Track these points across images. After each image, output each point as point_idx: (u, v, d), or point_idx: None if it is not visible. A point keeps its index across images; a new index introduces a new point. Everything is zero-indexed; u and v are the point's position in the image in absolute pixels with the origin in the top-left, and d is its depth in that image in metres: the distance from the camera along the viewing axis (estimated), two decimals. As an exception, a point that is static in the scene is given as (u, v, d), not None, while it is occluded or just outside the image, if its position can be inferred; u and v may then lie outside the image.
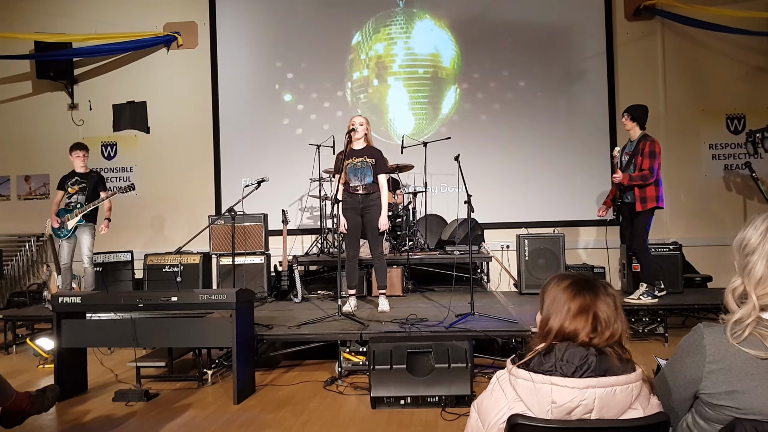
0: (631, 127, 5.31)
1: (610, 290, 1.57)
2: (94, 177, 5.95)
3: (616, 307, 1.54)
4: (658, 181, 5.15)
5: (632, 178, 5.17)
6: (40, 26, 8.03)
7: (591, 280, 1.59)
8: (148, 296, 3.97)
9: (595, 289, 1.55)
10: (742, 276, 1.50)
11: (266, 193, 6.28)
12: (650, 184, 5.12)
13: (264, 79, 8.05)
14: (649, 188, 5.13)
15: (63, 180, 5.95)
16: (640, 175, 5.13)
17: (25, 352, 5.47)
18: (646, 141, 5.16)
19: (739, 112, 7.44)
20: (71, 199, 5.85)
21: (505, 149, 7.67)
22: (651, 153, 5.10)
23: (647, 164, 5.09)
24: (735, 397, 1.42)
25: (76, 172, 5.94)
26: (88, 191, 5.84)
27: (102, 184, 5.98)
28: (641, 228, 5.24)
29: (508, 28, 7.71)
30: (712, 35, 7.28)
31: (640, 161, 5.15)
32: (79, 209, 5.76)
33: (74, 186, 5.87)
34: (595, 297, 1.53)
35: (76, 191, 5.85)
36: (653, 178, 5.10)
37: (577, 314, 1.52)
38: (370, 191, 5.00)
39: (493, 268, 7.13)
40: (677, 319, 5.79)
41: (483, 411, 1.59)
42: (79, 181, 5.89)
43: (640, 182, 5.14)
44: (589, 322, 1.50)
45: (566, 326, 1.52)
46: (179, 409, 3.74)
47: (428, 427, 3.31)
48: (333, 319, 4.67)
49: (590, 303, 1.52)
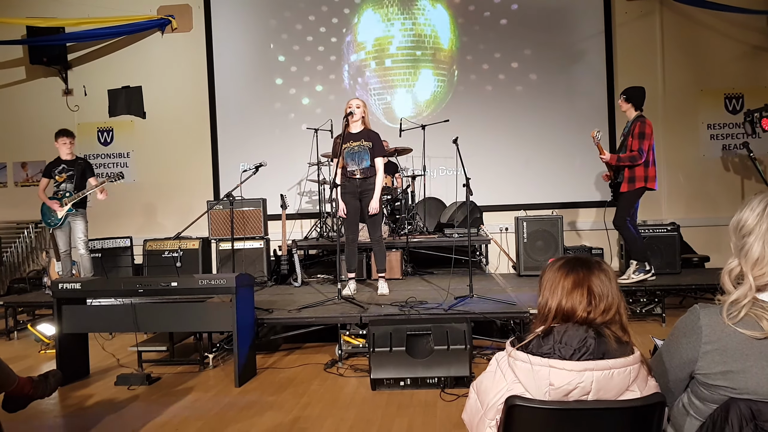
0: (626, 109, 5.29)
1: (604, 266, 1.60)
2: (81, 164, 5.80)
3: (609, 280, 1.57)
4: (648, 162, 5.12)
5: (620, 159, 5.15)
6: (32, 11, 7.94)
7: (584, 258, 1.63)
8: (148, 282, 3.99)
9: (587, 265, 1.59)
10: (739, 257, 1.51)
11: (265, 177, 6.27)
12: (639, 165, 5.10)
13: (260, 63, 7.99)
14: (638, 168, 5.10)
15: (49, 167, 5.80)
16: (628, 156, 5.11)
17: (26, 337, 5.50)
18: (637, 122, 5.14)
19: (737, 91, 7.41)
20: (59, 187, 5.70)
21: (503, 131, 7.65)
22: (641, 134, 5.07)
23: (636, 145, 5.07)
24: (730, 377, 1.43)
25: (62, 160, 5.77)
26: (76, 179, 5.71)
27: (90, 171, 5.84)
28: (624, 205, 5.20)
29: (506, 9, 7.64)
30: (710, 14, 7.22)
31: (630, 142, 5.14)
32: (68, 198, 5.64)
33: (62, 174, 5.71)
34: (589, 272, 1.57)
35: (63, 179, 5.70)
36: (641, 159, 5.06)
37: (572, 290, 1.55)
38: (368, 175, 4.99)
39: (491, 251, 7.15)
40: (674, 300, 5.83)
41: (482, 392, 1.61)
42: (66, 169, 5.73)
43: (628, 163, 5.11)
44: (584, 296, 1.54)
45: (563, 304, 1.55)
46: (181, 392, 3.77)
47: (428, 407, 3.35)
48: (333, 302, 4.69)
49: (583, 278, 1.56)
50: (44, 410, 3.51)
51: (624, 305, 1.57)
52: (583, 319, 1.52)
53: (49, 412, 3.52)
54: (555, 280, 1.60)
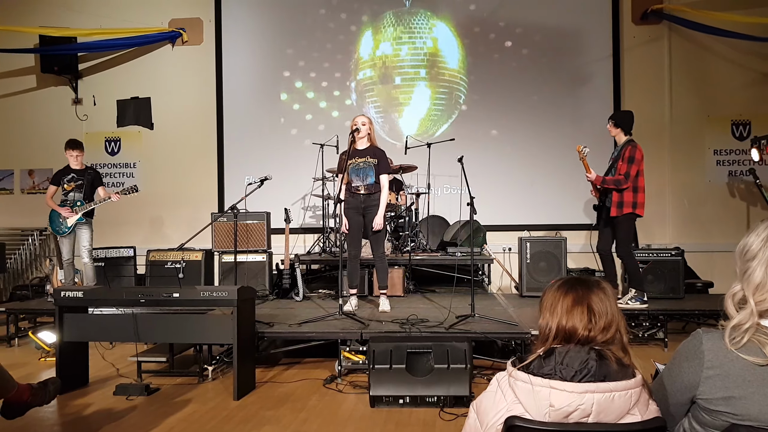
0: (615, 134, 5.27)
1: (603, 284, 1.61)
2: (90, 174, 5.88)
3: (608, 298, 1.57)
4: (638, 188, 5.08)
5: (605, 180, 5.13)
6: (45, 20, 8.05)
7: (582, 278, 1.64)
8: (150, 292, 3.99)
9: (586, 284, 1.60)
10: (742, 281, 1.51)
11: (269, 191, 6.28)
12: (625, 189, 5.06)
13: (267, 77, 8.06)
14: (626, 193, 5.06)
15: (58, 175, 5.86)
16: (613, 179, 5.09)
17: (27, 345, 5.49)
18: (628, 146, 5.11)
19: (744, 118, 7.43)
20: (67, 196, 5.77)
21: (508, 152, 7.68)
22: (630, 158, 5.04)
23: (624, 169, 5.04)
24: (732, 403, 1.42)
25: (72, 169, 5.85)
26: (85, 189, 5.78)
27: (99, 181, 5.92)
28: (623, 234, 5.15)
29: (514, 31, 7.72)
30: (719, 41, 7.27)
31: (619, 165, 5.12)
32: (79, 207, 5.72)
33: (70, 183, 5.78)
34: (588, 290, 1.58)
35: (72, 188, 5.77)
36: (626, 184, 5.02)
37: (572, 308, 1.56)
38: (372, 191, 5.01)
39: (494, 270, 7.13)
40: (677, 325, 5.79)
41: (482, 411, 1.60)
42: (75, 179, 5.80)
43: (612, 186, 5.09)
44: (584, 314, 1.54)
45: (564, 323, 1.55)
46: (179, 404, 3.76)
47: (426, 426, 3.32)
48: (334, 318, 4.68)
49: (583, 296, 1.57)
50: (42, 418, 3.49)
51: (624, 324, 1.57)
52: (585, 337, 1.52)
53: (47, 419, 3.50)
54: (555, 300, 1.60)
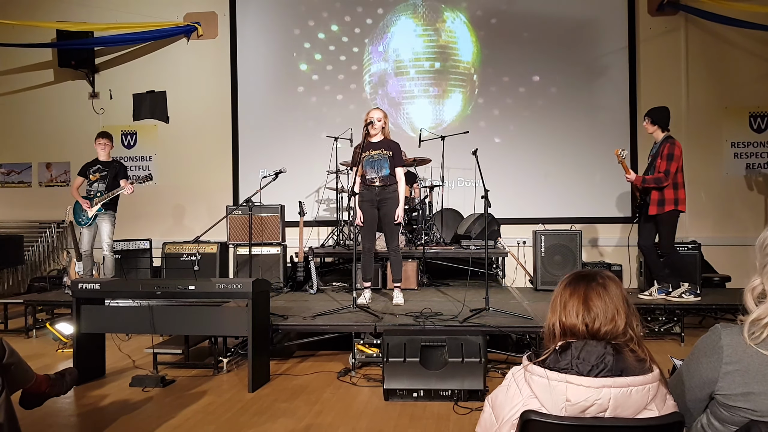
0: (653, 131, 5.22)
1: (607, 279, 1.57)
2: (115, 166, 6.03)
3: (608, 291, 1.54)
4: (677, 184, 5.05)
5: (645, 180, 5.10)
6: (62, 15, 8.11)
7: (588, 272, 1.61)
8: (166, 284, 4.03)
9: (588, 278, 1.58)
10: (762, 275, 1.49)
11: (284, 184, 6.29)
12: (666, 187, 5.03)
13: (283, 71, 8.06)
14: (666, 191, 5.03)
15: (85, 167, 6.02)
16: (653, 178, 5.06)
17: (44, 336, 5.56)
18: (666, 143, 5.08)
19: (762, 110, 7.31)
20: (91, 186, 5.91)
21: (523, 144, 7.62)
22: (669, 155, 5.01)
23: (663, 166, 5.01)
24: (751, 398, 1.41)
25: (99, 161, 6.01)
26: (108, 180, 5.90)
27: (123, 173, 6.03)
28: (665, 231, 5.14)
29: (528, 22, 7.64)
30: (736, 31, 7.15)
31: (658, 163, 5.07)
32: (99, 197, 5.83)
33: (95, 174, 5.93)
34: (587, 285, 1.56)
35: (96, 179, 5.91)
36: (666, 181, 5.00)
37: (568, 303, 1.55)
38: (386, 183, 5.00)
39: (508, 264, 7.10)
40: (694, 319, 5.74)
41: (497, 406, 1.60)
42: (101, 170, 5.95)
43: (653, 185, 5.06)
44: (580, 309, 1.52)
45: (563, 319, 1.54)
46: (195, 395, 3.79)
47: (440, 420, 3.32)
48: (348, 311, 4.69)
49: (580, 290, 1.56)
50: (60, 408, 3.55)
51: (636, 317, 1.54)
52: (585, 332, 1.51)
53: (65, 410, 3.55)
54: (556, 296, 1.61)
